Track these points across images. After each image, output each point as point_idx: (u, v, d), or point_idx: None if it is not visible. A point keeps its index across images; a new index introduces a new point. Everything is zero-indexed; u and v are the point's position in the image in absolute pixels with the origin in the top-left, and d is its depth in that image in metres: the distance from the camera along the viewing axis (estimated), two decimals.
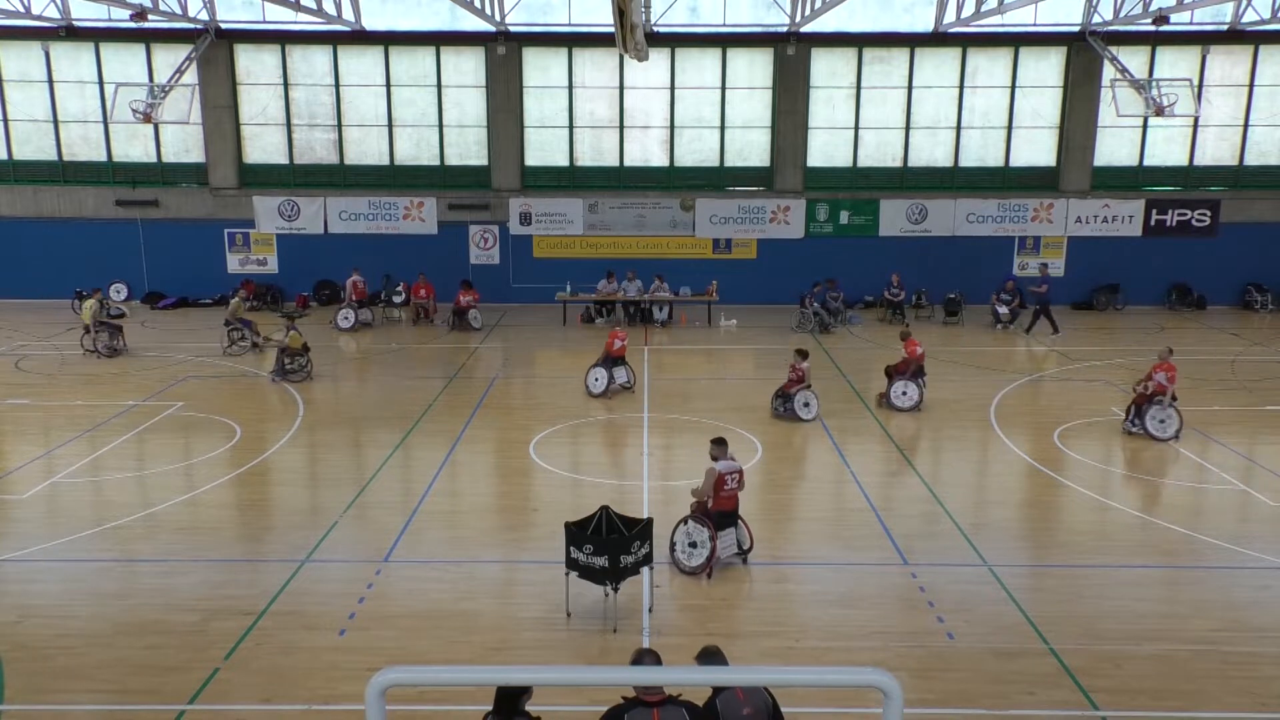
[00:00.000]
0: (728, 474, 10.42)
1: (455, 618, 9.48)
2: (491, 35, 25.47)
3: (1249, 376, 19.07)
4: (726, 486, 10.42)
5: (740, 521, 10.66)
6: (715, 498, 10.39)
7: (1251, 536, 11.48)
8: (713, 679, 4.43)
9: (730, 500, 10.50)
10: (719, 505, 10.43)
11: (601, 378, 17.51)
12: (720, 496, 10.40)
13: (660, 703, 5.67)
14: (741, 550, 10.62)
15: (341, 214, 26.55)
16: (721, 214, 26.57)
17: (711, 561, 10.22)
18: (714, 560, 10.24)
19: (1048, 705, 8.06)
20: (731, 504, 10.53)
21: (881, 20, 25.83)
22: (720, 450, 10.62)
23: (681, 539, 10.43)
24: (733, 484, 10.50)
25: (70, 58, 26.20)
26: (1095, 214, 26.53)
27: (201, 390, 17.93)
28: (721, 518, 10.44)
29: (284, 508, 12.69)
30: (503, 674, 6.05)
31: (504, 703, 5.98)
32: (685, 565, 10.35)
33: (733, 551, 10.54)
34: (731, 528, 10.54)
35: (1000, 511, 12.48)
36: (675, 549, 10.48)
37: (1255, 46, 25.77)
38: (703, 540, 10.28)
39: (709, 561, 10.22)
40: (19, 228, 26.72)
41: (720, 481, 10.36)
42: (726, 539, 10.45)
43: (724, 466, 10.45)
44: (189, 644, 8.93)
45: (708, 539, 10.24)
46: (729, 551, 10.49)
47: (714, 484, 10.34)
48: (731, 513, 10.55)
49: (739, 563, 10.61)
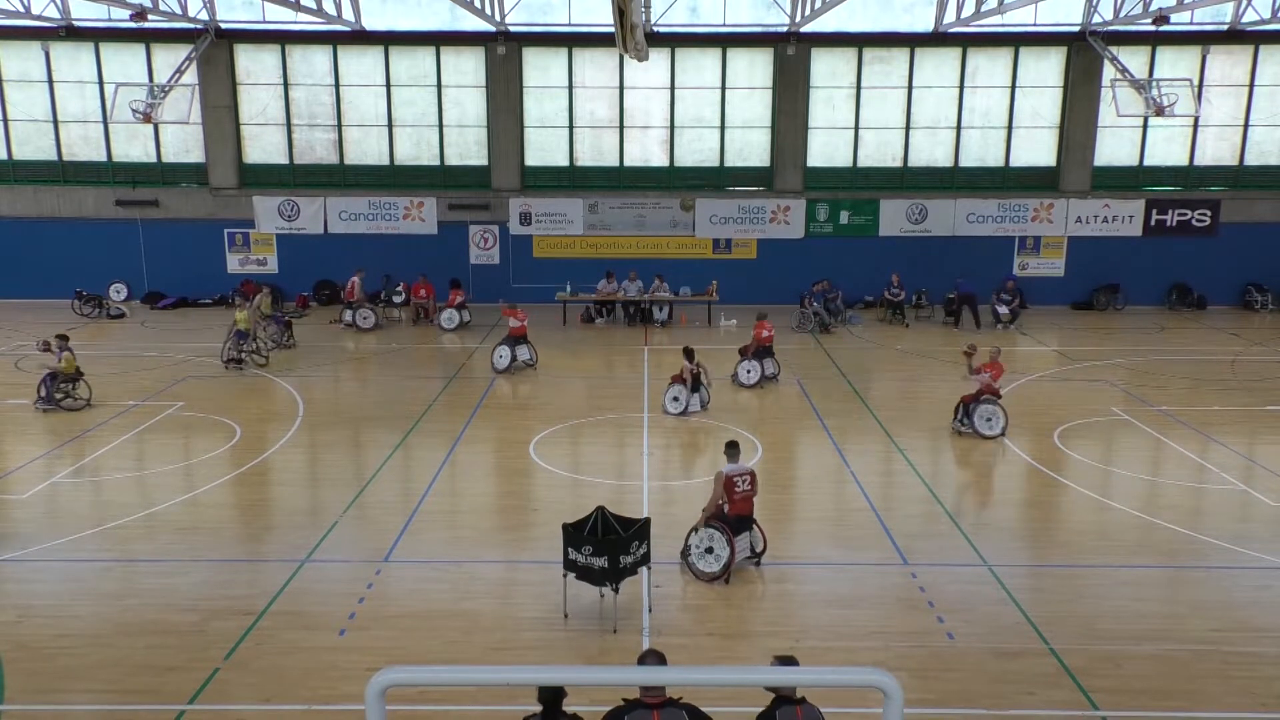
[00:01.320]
0: (736, 475, 10.33)
1: (455, 618, 9.48)
2: (491, 35, 25.48)
3: (1249, 376, 19.07)
4: (738, 489, 10.32)
5: (754, 524, 10.59)
6: (730, 501, 10.30)
7: (1251, 536, 11.48)
8: (713, 679, 4.41)
9: (746, 503, 10.41)
10: (735, 509, 10.32)
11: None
12: (735, 500, 10.31)
13: (661, 704, 5.66)
14: (755, 553, 10.53)
15: (341, 214, 26.55)
16: (721, 214, 26.57)
17: (730, 568, 10.13)
18: (732, 565, 10.15)
19: (1048, 705, 8.06)
20: (748, 507, 10.44)
21: (881, 20, 25.82)
22: (732, 454, 10.58)
23: (696, 544, 10.26)
24: (745, 486, 10.40)
25: (70, 58, 26.20)
26: (1095, 214, 26.53)
27: (201, 390, 17.93)
28: (738, 522, 10.34)
29: (284, 508, 12.69)
30: (503, 674, 6.03)
31: (549, 706, 5.95)
32: (701, 571, 10.17)
33: (746, 554, 10.45)
34: (747, 531, 10.45)
35: (1000, 511, 12.49)
36: (690, 554, 10.33)
37: (1255, 46, 25.77)
38: (720, 546, 10.15)
39: (727, 568, 10.11)
40: (19, 228, 26.72)
41: (730, 484, 10.27)
42: (741, 543, 10.34)
43: (731, 469, 10.37)
44: (189, 644, 8.92)
45: (725, 544, 10.12)
46: (743, 554, 10.39)
47: (723, 486, 10.28)
48: (748, 517, 10.46)
49: (751, 566, 10.55)
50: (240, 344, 19.62)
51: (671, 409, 16.33)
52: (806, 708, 5.85)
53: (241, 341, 19.63)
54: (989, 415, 15.26)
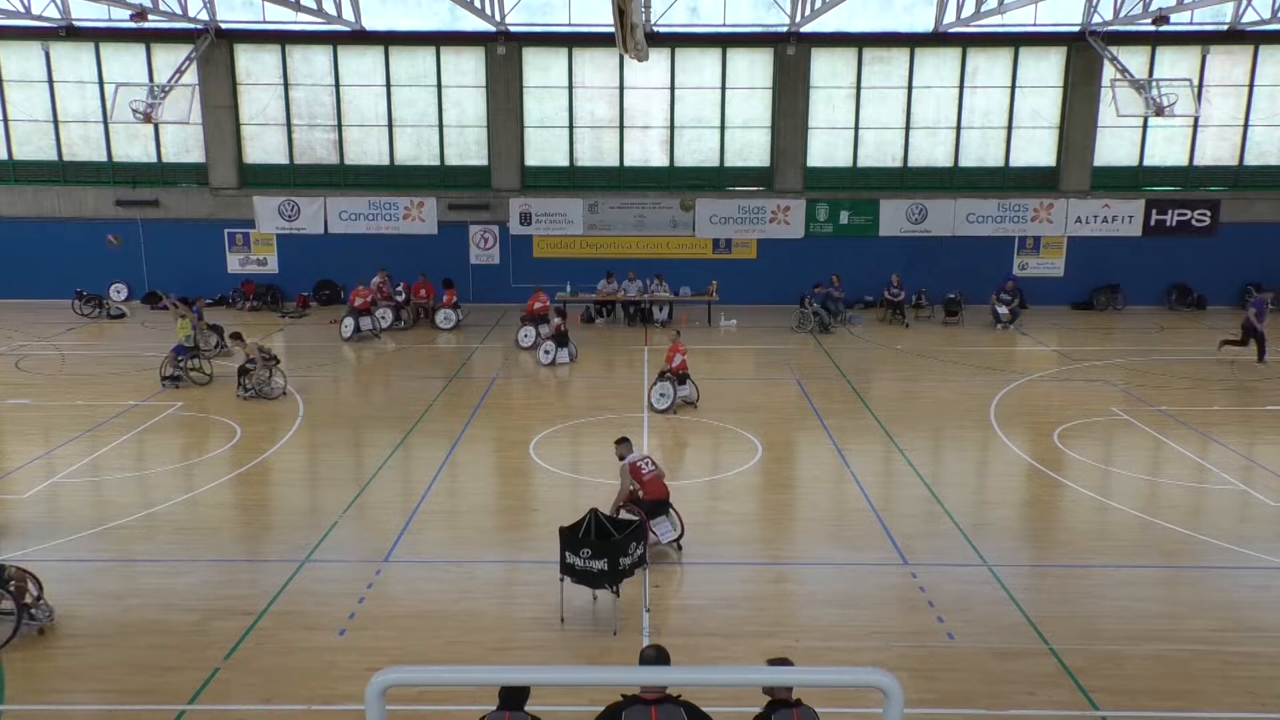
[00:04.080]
0: (639, 460, 10.77)
1: (455, 618, 9.48)
2: (491, 35, 25.48)
3: (1249, 376, 19.07)
4: (645, 472, 10.72)
5: (671, 509, 10.84)
6: (642, 485, 10.65)
7: (1251, 536, 11.48)
8: (713, 679, 4.43)
9: (657, 484, 10.76)
10: (650, 493, 10.68)
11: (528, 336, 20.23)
12: (645, 483, 10.67)
13: (658, 701, 5.67)
14: (675, 538, 10.79)
15: (341, 214, 26.56)
16: (721, 214, 26.58)
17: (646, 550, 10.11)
18: (650, 547, 10.28)
19: (1048, 705, 8.06)
20: (662, 490, 10.80)
21: (881, 20, 25.83)
22: (625, 448, 10.93)
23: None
24: (650, 467, 10.81)
25: (70, 58, 26.20)
26: (1095, 214, 26.53)
27: (201, 390, 17.92)
28: (654, 506, 10.67)
29: (284, 508, 12.68)
30: (503, 674, 6.05)
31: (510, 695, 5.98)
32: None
33: (670, 538, 10.75)
34: (664, 515, 10.75)
35: (1000, 511, 12.48)
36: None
37: (1255, 46, 25.77)
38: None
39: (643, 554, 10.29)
40: (19, 228, 26.73)
41: (636, 470, 10.66)
42: (660, 526, 10.67)
43: (632, 457, 10.79)
44: (189, 644, 8.92)
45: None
46: (668, 537, 10.73)
47: (631, 474, 10.62)
48: (663, 500, 10.79)
49: (673, 551, 10.79)
50: (179, 359, 17.99)
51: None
52: (803, 710, 5.84)
53: (180, 356, 17.98)
54: (663, 391, 16.48)
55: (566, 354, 20.16)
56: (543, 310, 21.56)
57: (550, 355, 20.03)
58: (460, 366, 20.06)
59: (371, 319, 22.92)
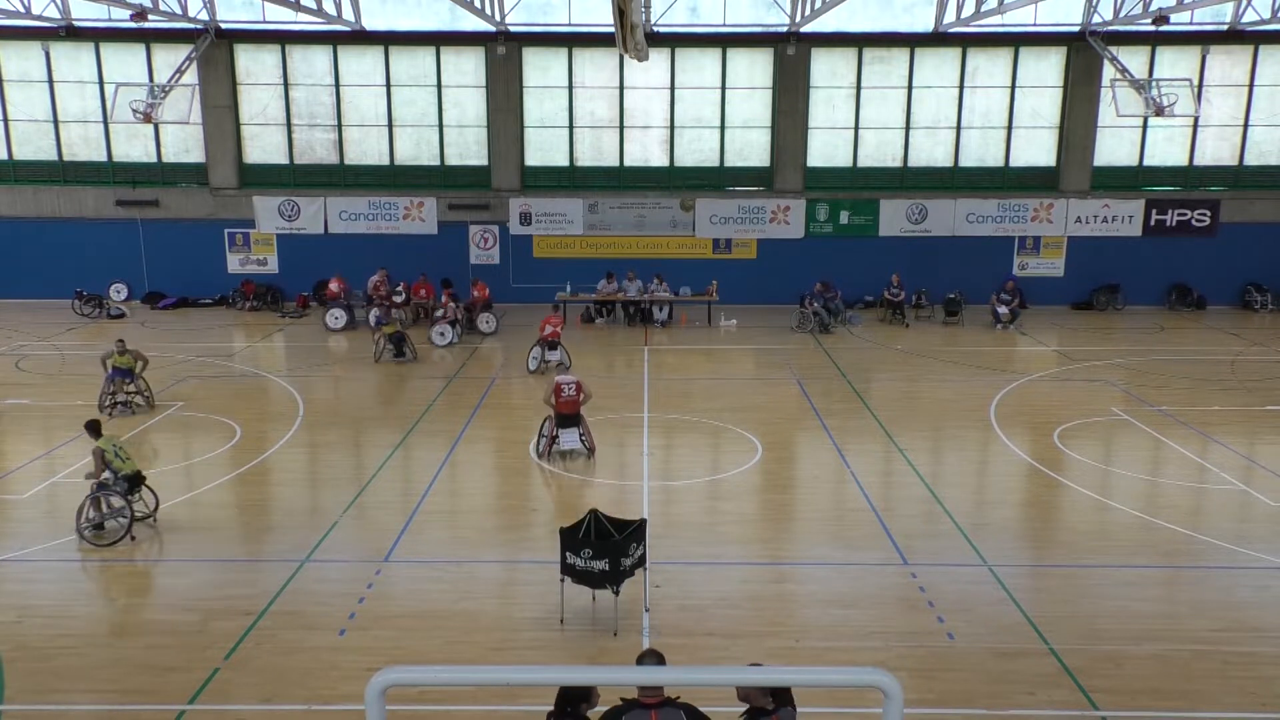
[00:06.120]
0: (564, 383, 13.81)
1: (455, 618, 9.48)
2: (491, 35, 25.48)
3: (1249, 376, 19.07)
4: (564, 394, 13.69)
5: (583, 423, 14.02)
6: (557, 401, 13.73)
7: (1251, 536, 11.48)
8: (713, 679, 4.42)
9: (570, 405, 13.77)
10: (559, 409, 13.78)
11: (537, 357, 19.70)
12: (560, 401, 13.73)
13: (658, 704, 5.65)
14: (576, 449, 14.02)
15: (341, 214, 26.55)
16: (721, 214, 26.57)
17: (550, 448, 13.96)
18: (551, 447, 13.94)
19: (1048, 705, 8.07)
20: (571, 408, 13.79)
21: (881, 20, 25.83)
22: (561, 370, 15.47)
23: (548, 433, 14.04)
24: (570, 392, 13.71)
25: (70, 58, 26.20)
26: (1095, 214, 26.53)
27: (201, 390, 17.93)
28: (561, 418, 13.82)
29: (284, 508, 12.68)
30: (503, 674, 6.03)
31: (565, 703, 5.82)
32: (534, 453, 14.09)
33: (571, 447, 13.98)
34: (574, 427, 13.90)
35: (1000, 511, 12.48)
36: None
37: (1255, 46, 25.76)
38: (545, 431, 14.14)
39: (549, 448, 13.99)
40: (19, 228, 26.72)
41: (557, 388, 13.73)
42: (568, 435, 13.89)
43: (561, 378, 14.00)
44: (189, 644, 8.92)
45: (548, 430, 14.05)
46: (569, 445, 13.97)
47: (553, 390, 13.77)
48: (571, 415, 13.84)
49: (584, 453, 13.98)
50: (121, 384, 16.43)
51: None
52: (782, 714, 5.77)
53: (117, 381, 16.40)
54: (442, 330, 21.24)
55: (556, 355, 19.30)
56: (553, 336, 19.32)
57: (538, 361, 19.29)
58: (461, 366, 20.05)
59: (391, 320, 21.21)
